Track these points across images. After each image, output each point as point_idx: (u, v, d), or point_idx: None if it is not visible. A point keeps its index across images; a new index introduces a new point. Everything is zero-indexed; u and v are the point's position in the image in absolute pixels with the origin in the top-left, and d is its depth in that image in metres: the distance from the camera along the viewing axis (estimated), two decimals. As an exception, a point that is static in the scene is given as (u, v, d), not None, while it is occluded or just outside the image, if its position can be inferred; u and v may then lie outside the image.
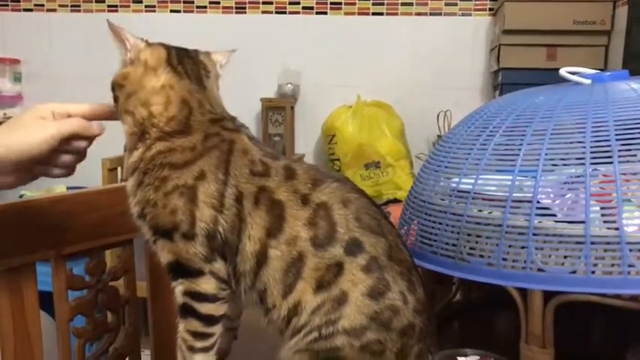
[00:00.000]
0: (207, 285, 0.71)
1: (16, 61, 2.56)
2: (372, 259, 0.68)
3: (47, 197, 0.95)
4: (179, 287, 0.71)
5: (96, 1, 2.58)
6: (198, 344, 0.72)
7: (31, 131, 0.72)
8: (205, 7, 2.52)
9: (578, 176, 0.66)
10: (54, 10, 2.60)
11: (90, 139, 0.76)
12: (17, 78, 2.57)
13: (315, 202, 0.69)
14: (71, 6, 2.59)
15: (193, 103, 0.74)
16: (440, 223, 0.74)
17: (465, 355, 0.69)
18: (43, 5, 2.61)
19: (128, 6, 2.57)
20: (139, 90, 0.73)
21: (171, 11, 2.55)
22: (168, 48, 0.77)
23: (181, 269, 0.71)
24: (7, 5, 2.62)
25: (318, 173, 0.73)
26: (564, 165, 0.68)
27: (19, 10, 2.62)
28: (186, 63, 0.77)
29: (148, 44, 0.76)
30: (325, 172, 0.76)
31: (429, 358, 0.72)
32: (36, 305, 0.93)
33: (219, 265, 0.70)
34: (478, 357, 0.69)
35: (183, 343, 0.72)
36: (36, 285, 0.93)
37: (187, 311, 0.72)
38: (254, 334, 0.84)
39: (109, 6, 2.57)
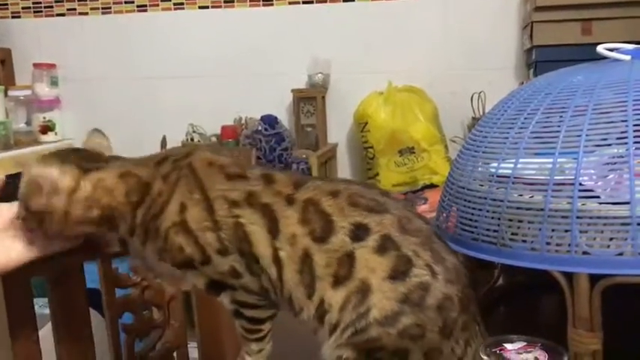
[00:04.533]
0: (243, 297, 0.73)
1: (52, 66, 2.61)
2: (383, 237, 0.67)
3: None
4: (225, 299, 0.75)
5: (125, 2, 2.61)
6: (251, 337, 0.76)
7: None
8: (233, 1, 2.53)
9: (620, 156, 0.65)
10: (86, 14, 2.65)
11: None
12: (54, 82, 2.62)
13: (300, 200, 0.70)
14: (102, 8, 2.63)
15: (130, 168, 0.76)
16: (480, 209, 0.73)
17: (512, 342, 0.68)
18: (75, 9, 2.65)
19: (157, 5, 2.59)
20: (74, 210, 0.75)
21: (200, 7, 2.56)
22: (65, 159, 0.76)
23: (219, 285, 0.74)
24: (41, 11, 2.68)
25: (299, 177, 0.75)
26: (606, 145, 0.66)
27: (52, 16, 2.67)
28: (84, 157, 0.78)
29: (57, 169, 0.75)
30: (308, 177, 0.78)
31: (477, 330, 0.71)
32: (86, 304, 0.96)
33: (246, 280, 0.72)
34: (525, 343, 0.68)
35: (240, 334, 0.77)
36: (84, 284, 0.96)
37: (236, 314, 0.76)
38: (287, 336, 0.85)
39: (138, 6, 2.60)
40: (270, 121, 2.26)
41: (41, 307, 1.19)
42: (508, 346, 0.68)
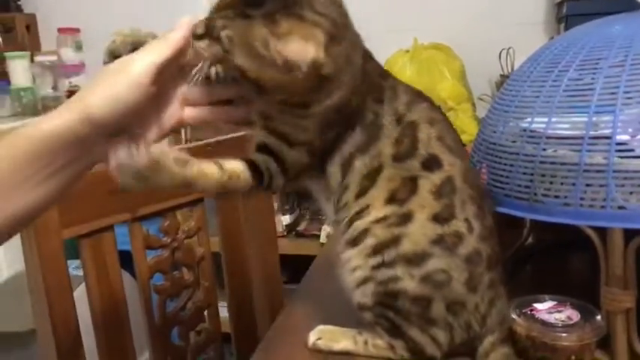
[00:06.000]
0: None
1: (77, 30, 2.61)
2: (447, 178, 0.68)
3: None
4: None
5: (147, -37, 2.58)
6: None
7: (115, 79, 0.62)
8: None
9: (659, 109, 0.62)
10: (108, -24, 2.63)
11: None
12: (79, 47, 2.62)
13: (406, 122, 0.70)
14: (124, -29, 2.61)
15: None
16: (512, 165, 0.71)
17: (542, 302, 0.68)
18: (97, -28, 2.64)
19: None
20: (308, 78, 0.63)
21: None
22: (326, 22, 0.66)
23: (267, 150, 0.69)
24: (63, -25, 2.67)
25: (413, 92, 0.75)
26: (644, 98, 0.64)
27: (74, -21, 2.66)
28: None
29: (312, 45, 0.62)
30: (417, 91, 0.76)
31: (502, 291, 0.71)
32: (117, 265, 0.98)
33: (281, 181, 0.70)
34: (555, 302, 0.68)
35: None
36: (116, 246, 0.97)
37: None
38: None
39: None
40: (294, 82, 2.23)
41: (75, 268, 1.22)
42: (538, 306, 0.68)
